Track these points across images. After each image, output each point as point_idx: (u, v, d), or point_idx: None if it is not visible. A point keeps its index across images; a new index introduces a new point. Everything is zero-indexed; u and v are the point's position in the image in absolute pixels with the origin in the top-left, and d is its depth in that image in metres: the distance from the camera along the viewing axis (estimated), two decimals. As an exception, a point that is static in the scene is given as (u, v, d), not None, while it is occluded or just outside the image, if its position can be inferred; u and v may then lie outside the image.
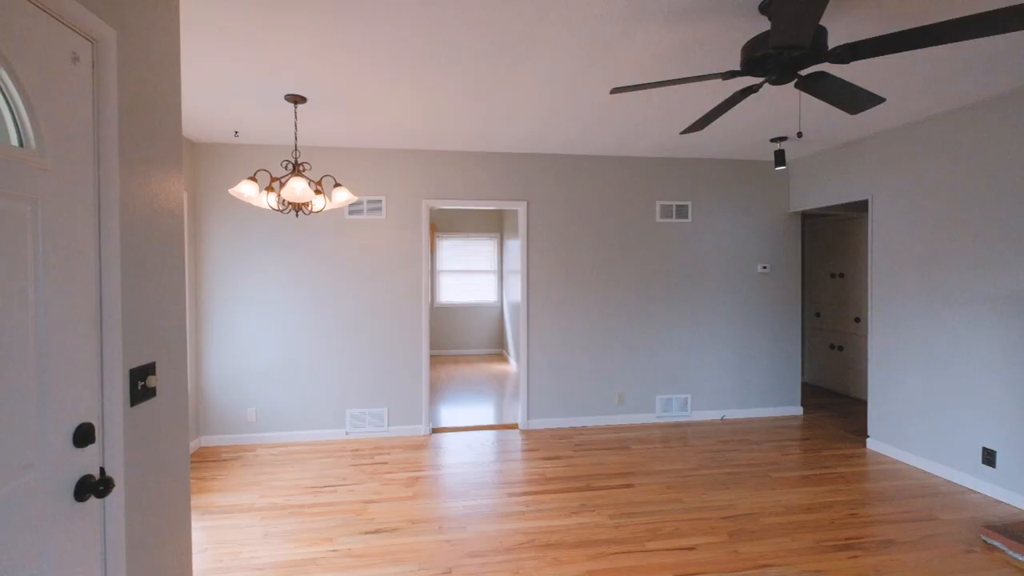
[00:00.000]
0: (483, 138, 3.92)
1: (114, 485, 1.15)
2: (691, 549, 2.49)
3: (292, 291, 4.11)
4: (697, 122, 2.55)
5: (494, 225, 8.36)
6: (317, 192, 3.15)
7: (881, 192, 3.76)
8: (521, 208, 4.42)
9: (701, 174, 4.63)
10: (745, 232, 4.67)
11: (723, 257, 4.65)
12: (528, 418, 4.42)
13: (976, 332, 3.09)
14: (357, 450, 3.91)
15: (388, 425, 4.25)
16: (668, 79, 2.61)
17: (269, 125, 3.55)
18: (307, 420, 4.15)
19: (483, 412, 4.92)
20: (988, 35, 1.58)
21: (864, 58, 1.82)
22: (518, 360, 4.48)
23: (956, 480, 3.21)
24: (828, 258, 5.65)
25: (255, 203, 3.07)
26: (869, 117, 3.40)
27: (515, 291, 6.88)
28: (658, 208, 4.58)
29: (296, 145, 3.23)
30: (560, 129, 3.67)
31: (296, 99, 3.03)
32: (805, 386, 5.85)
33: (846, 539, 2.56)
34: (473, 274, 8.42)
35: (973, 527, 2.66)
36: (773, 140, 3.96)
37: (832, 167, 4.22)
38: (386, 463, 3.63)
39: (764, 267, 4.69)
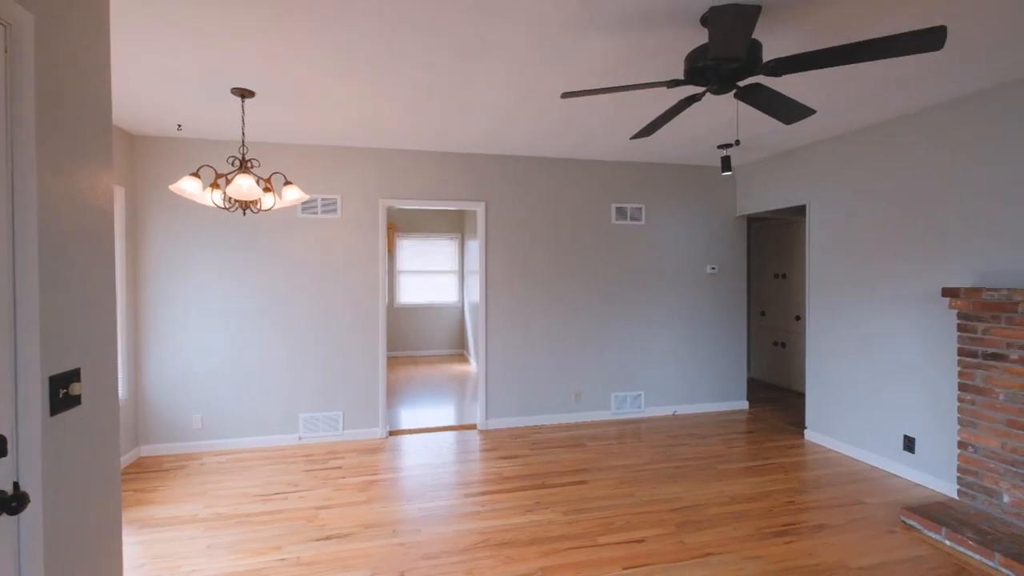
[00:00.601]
0: (441, 138, 3.91)
1: (29, 501, 1.08)
2: (640, 541, 2.57)
3: (242, 292, 3.95)
4: (645, 128, 2.64)
5: (455, 225, 8.33)
6: (266, 190, 3.05)
7: (817, 198, 4.01)
8: (479, 209, 4.43)
9: (655, 178, 4.78)
10: (695, 234, 4.87)
11: (675, 258, 4.82)
12: (487, 418, 4.43)
13: (898, 329, 3.35)
14: (310, 455, 3.80)
15: (343, 429, 4.16)
16: (616, 86, 2.68)
17: (215, 119, 3.41)
18: (257, 426, 4.00)
19: (442, 413, 4.90)
20: (892, 56, 1.73)
21: (793, 72, 1.94)
22: (477, 360, 4.49)
23: (881, 466, 3.47)
24: (772, 259, 5.96)
25: (199, 200, 2.94)
26: (805, 127, 3.62)
27: (475, 291, 6.88)
28: (613, 210, 4.70)
29: (244, 141, 3.12)
30: (517, 131, 3.71)
31: (243, 93, 2.93)
32: (751, 381, 6.15)
33: (783, 525, 2.72)
34: (434, 274, 8.36)
35: (894, 509, 2.88)
36: (720, 147, 4.14)
37: (774, 174, 4.46)
38: (340, 468, 3.55)
39: (713, 268, 4.89)
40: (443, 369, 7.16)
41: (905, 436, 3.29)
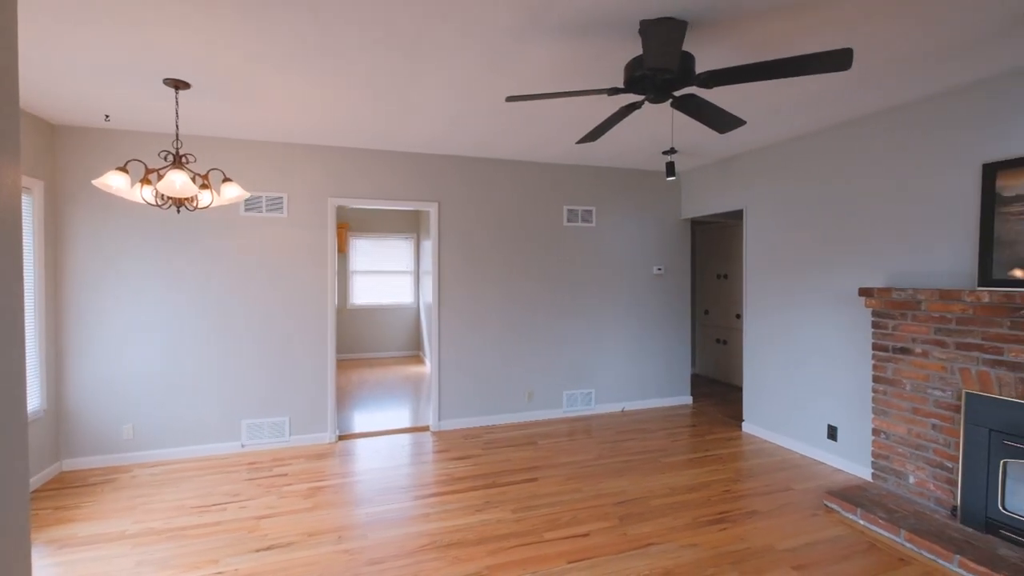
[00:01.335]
0: (392, 137, 3.86)
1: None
2: (586, 535, 2.64)
3: (180, 293, 3.75)
4: (590, 133, 2.71)
5: (411, 225, 8.23)
6: (203, 187, 2.92)
7: (753, 203, 4.25)
8: (432, 209, 4.41)
9: (605, 181, 4.91)
10: (643, 236, 5.04)
11: (624, 259, 4.97)
12: (440, 419, 4.41)
13: (823, 326, 3.60)
14: (254, 463, 3.66)
15: (290, 435, 4.03)
16: (559, 91, 2.74)
17: (146, 110, 3.22)
18: (196, 434, 3.81)
19: (395, 416, 4.83)
20: (807, 73, 1.87)
21: (722, 84, 2.06)
22: (430, 361, 4.46)
23: (808, 454, 3.72)
24: (714, 261, 6.26)
25: (126, 197, 2.77)
26: (741, 137, 3.82)
27: (430, 292, 6.83)
28: (565, 212, 4.79)
29: (178, 134, 2.96)
30: (468, 132, 3.71)
31: (177, 84, 2.78)
32: (696, 377, 6.43)
33: (719, 513, 2.87)
34: (389, 275, 8.22)
35: (818, 494, 3.10)
36: (665, 153, 4.31)
37: (715, 179, 4.69)
38: (285, 475, 3.44)
39: (659, 269, 5.09)
40: (398, 371, 7.06)
41: (829, 425, 3.55)
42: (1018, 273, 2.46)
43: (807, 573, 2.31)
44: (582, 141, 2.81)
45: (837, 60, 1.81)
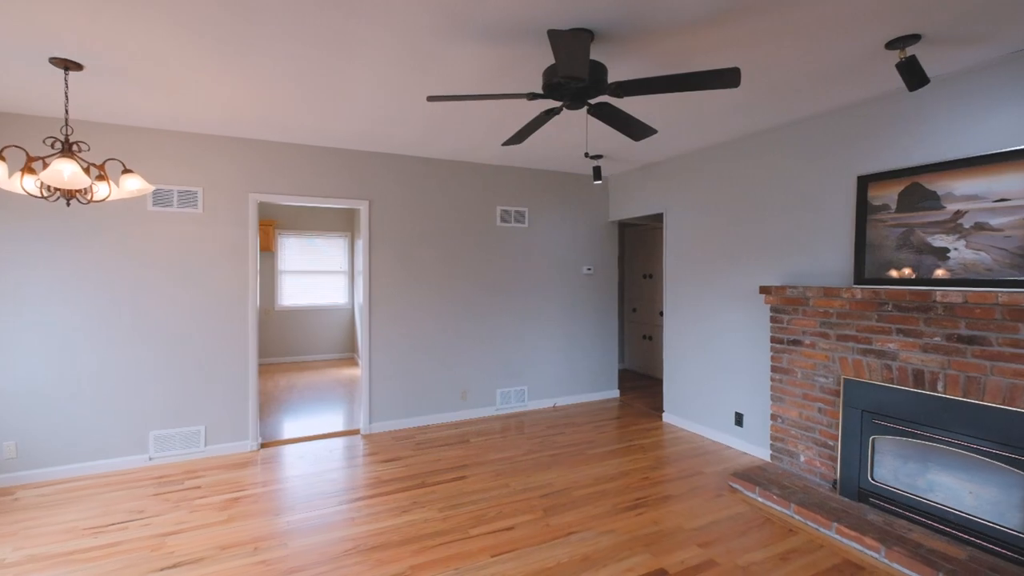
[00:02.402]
0: (318, 132, 3.73)
1: None
2: (510, 529, 2.71)
3: (75, 295, 3.41)
4: (514, 136, 2.78)
5: (344, 223, 7.97)
6: (99, 178, 2.69)
7: (672, 206, 4.53)
8: (363, 207, 4.31)
9: (537, 183, 5.03)
10: (573, 237, 5.21)
11: (555, 259, 5.12)
12: (370, 422, 4.33)
13: (731, 321, 3.91)
14: (163, 477, 3.41)
15: (206, 445, 3.79)
16: (480, 94, 2.78)
17: (29, 91, 2.91)
18: (95, 448, 3.49)
19: (324, 420, 4.67)
20: (701, 89, 2.03)
21: (631, 95, 2.19)
22: (362, 363, 4.36)
23: (719, 440, 4.03)
24: (641, 261, 6.58)
25: (2, 187, 2.49)
26: (660, 145, 4.05)
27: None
28: (499, 212, 4.85)
29: (67, 120, 2.69)
30: (398, 130, 3.67)
31: (67, 64, 2.54)
32: (624, 372, 6.74)
33: (636, 499, 3.04)
34: (322, 275, 7.92)
35: (725, 476, 3.37)
36: (588, 156, 4.48)
37: (639, 184, 4.94)
38: (199, 487, 3.23)
39: (589, 269, 5.28)
40: (330, 374, 6.82)
41: (736, 413, 3.86)
42: (894, 273, 2.80)
43: (710, 549, 2.50)
44: (507, 143, 2.87)
45: (727, 78, 1.99)
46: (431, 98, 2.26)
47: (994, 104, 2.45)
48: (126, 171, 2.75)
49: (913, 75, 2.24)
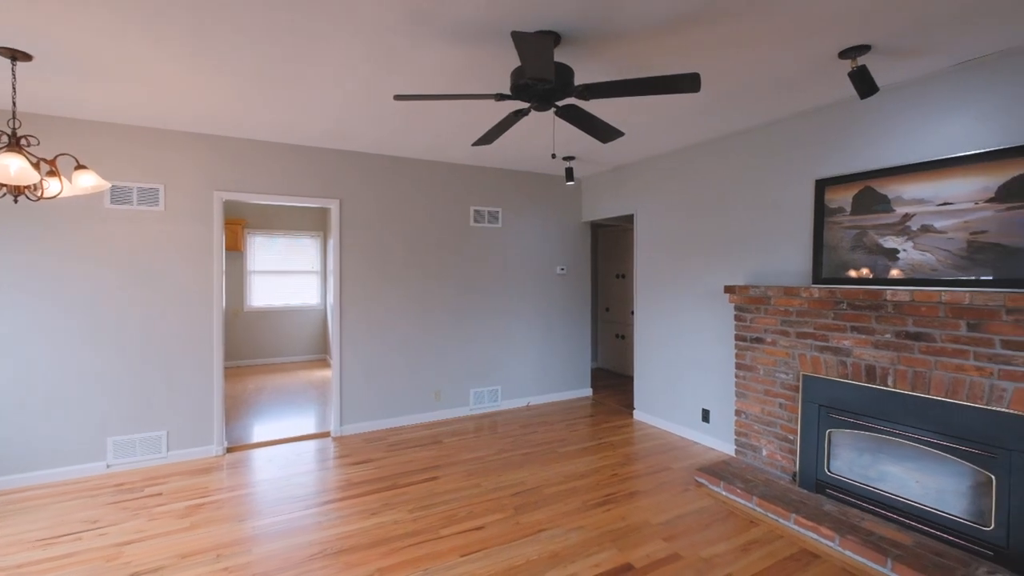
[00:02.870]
0: (287, 129, 3.66)
1: None
2: (480, 528, 2.71)
3: (24, 297, 3.26)
4: (483, 136, 2.79)
5: (317, 223, 7.83)
6: (50, 174, 2.58)
7: (642, 208, 4.61)
8: (333, 206, 4.25)
9: (510, 184, 5.04)
10: (547, 238, 5.25)
11: (528, 260, 5.14)
12: (342, 424, 4.27)
13: (699, 320, 4.01)
14: (122, 484, 3.29)
15: (168, 450, 3.67)
16: (448, 94, 2.78)
17: (-28, 84, 2.77)
18: (48, 457, 3.34)
19: (293, 423, 4.59)
20: (663, 92, 2.08)
21: (596, 98, 2.22)
22: (333, 364, 4.30)
23: (687, 436, 4.12)
24: (614, 262, 6.68)
25: (-57, 184, 2.36)
26: (631, 147, 4.12)
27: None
28: (472, 213, 4.85)
29: (14, 112, 2.58)
30: (369, 128, 3.63)
31: (14, 54, 2.43)
32: (597, 370, 6.83)
33: (605, 496, 3.08)
34: (293, 275, 7.76)
35: (691, 471, 3.45)
36: (556, 157, 4.53)
37: (610, 185, 5.01)
38: (160, 495, 3.14)
39: (562, 269, 5.33)
40: (301, 376, 6.69)
41: (703, 409, 3.96)
42: (851, 273, 2.92)
43: (675, 542, 2.56)
44: (477, 144, 2.87)
45: (688, 82, 2.04)
46: (398, 97, 2.25)
47: (940, 113, 2.58)
48: (79, 167, 2.64)
49: (864, 84, 2.35)
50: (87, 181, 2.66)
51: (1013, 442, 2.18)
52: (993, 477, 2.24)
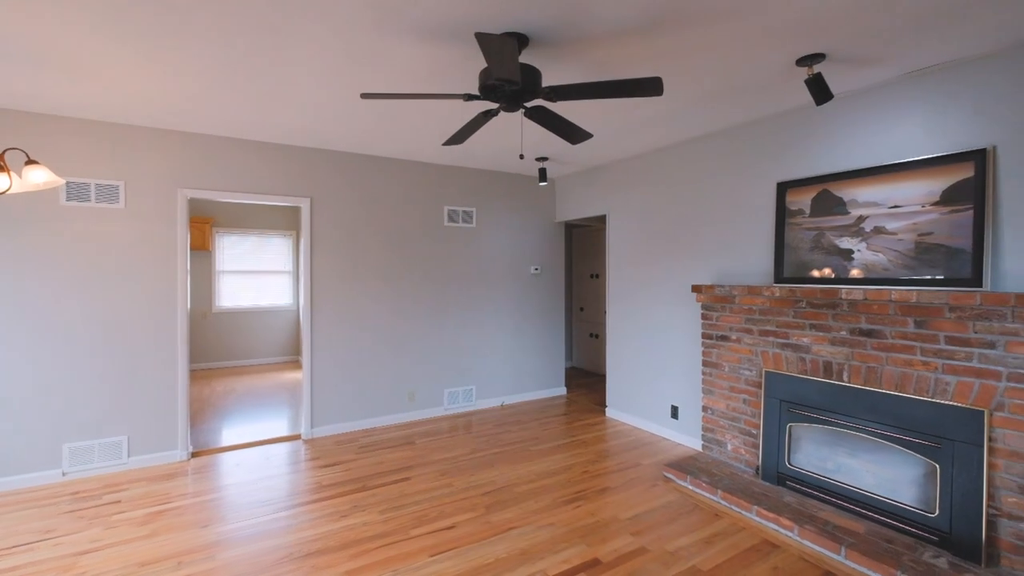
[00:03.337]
0: (256, 126, 3.58)
1: None
2: (451, 528, 2.72)
3: (-34, 298, 3.11)
4: (454, 136, 2.79)
5: (289, 222, 7.68)
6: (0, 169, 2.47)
7: (614, 208, 4.68)
8: (304, 205, 4.18)
9: (485, 183, 5.05)
10: (521, 237, 5.28)
11: (503, 260, 5.16)
12: (312, 426, 4.20)
13: (668, 319, 4.09)
14: (79, 492, 3.17)
15: (129, 456, 3.55)
16: (417, 93, 2.78)
17: (-88, 74, 2.63)
18: (-3, 465, 3.20)
19: (263, 426, 4.50)
20: (627, 96, 2.12)
21: (563, 100, 2.25)
22: (304, 366, 4.22)
23: (656, 432, 4.21)
24: (588, 261, 6.76)
25: None
26: (603, 149, 4.18)
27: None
28: (446, 212, 4.84)
29: (-40, 106, 2.46)
30: (340, 126, 3.59)
31: (-43, 45, 2.32)
32: (572, 369, 6.89)
33: (575, 493, 3.12)
34: (265, 275, 7.60)
35: (660, 467, 3.52)
36: (538, 159, 4.56)
37: (583, 186, 5.07)
38: (119, 502, 3.03)
39: (536, 269, 5.36)
40: (273, 378, 6.56)
41: (672, 406, 4.05)
42: (814, 273, 3.02)
43: (642, 536, 2.62)
44: (448, 143, 2.87)
45: (651, 86, 2.09)
46: (365, 95, 2.23)
47: (889, 120, 2.71)
48: (30, 162, 2.53)
49: (819, 90, 2.44)
50: (38, 177, 2.55)
51: (955, 432, 2.30)
52: (937, 466, 2.36)
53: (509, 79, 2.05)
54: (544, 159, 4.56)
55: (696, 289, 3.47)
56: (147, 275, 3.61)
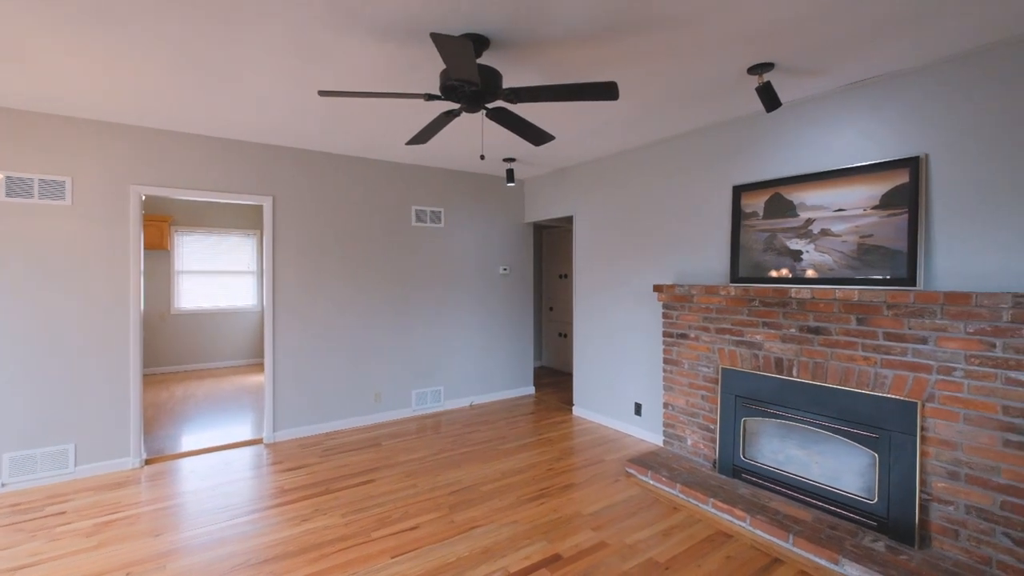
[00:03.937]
0: (214, 122, 3.48)
1: None
2: (414, 528, 2.71)
3: None
4: (416, 136, 2.79)
5: (252, 221, 7.48)
6: (-73, 164, 2.33)
7: (580, 210, 4.75)
8: (266, 203, 4.08)
9: (454, 184, 5.04)
10: (490, 238, 5.29)
11: (471, 260, 5.16)
12: (275, 430, 4.11)
13: (631, 318, 4.18)
14: (18, 504, 3.01)
15: (76, 465, 3.39)
16: (375, 91, 2.76)
17: None
18: (-73, 478, 3.00)
19: (223, 431, 4.36)
20: (584, 99, 2.17)
21: (523, 102, 2.28)
22: (266, 368, 4.12)
23: (620, 429, 4.29)
24: (557, 262, 6.83)
25: None
26: (568, 150, 4.24)
27: (272, 294, 6.28)
28: (414, 212, 4.81)
29: None
30: (299, 123, 3.52)
31: None
32: (541, 368, 6.95)
33: (539, 490, 3.16)
34: (227, 275, 7.37)
35: (623, 463, 3.60)
36: (505, 160, 4.59)
37: (551, 188, 5.13)
38: (63, 513, 2.90)
39: (505, 269, 5.39)
40: (235, 381, 6.37)
41: (636, 403, 4.14)
42: (772, 273, 3.14)
43: (602, 531, 2.67)
44: (411, 143, 2.87)
45: (606, 90, 2.14)
46: (323, 93, 2.21)
47: (832, 128, 2.85)
48: (-37, 156, 2.40)
49: (769, 98, 2.55)
50: (-27, 172, 2.43)
51: (892, 423, 2.44)
52: (876, 455, 2.50)
53: (466, 80, 2.07)
54: (512, 160, 4.59)
55: (658, 289, 3.56)
56: (97, 275, 3.46)
